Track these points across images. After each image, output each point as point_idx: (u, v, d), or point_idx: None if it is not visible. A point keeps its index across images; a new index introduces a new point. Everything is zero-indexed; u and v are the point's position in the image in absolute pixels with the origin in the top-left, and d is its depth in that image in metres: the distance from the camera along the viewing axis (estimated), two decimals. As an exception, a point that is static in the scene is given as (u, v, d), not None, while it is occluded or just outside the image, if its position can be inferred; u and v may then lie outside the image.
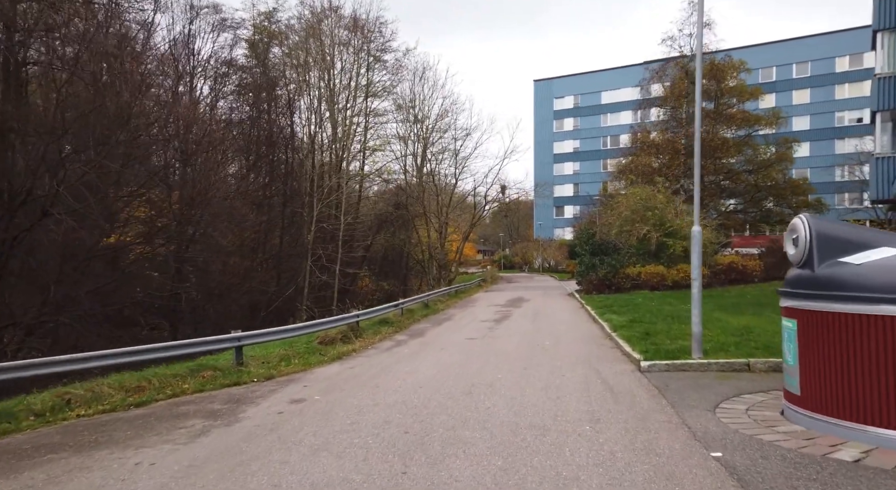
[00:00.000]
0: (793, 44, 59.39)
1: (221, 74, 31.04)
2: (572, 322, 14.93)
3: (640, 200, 22.81)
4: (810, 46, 58.29)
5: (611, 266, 22.17)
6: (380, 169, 41.90)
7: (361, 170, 40.36)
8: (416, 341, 12.34)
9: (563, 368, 8.60)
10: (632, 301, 17.95)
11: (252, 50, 36.01)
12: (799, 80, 59.18)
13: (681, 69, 34.64)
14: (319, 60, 35.94)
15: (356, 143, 37.95)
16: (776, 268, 22.15)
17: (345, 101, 36.78)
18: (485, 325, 14.92)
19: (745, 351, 8.70)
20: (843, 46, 57.26)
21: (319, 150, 35.87)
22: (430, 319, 16.71)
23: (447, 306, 20.65)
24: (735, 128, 34.90)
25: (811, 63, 58.90)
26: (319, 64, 36.11)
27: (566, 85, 70.33)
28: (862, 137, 55.66)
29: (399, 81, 39.87)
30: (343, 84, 37.02)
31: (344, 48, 37.55)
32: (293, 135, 33.25)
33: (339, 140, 36.40)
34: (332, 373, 9.02)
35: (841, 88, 57.51)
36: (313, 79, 35.82)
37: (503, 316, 16.95)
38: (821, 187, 45.93)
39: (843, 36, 57.51)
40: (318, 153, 35.67)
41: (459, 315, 17.82)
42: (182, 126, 22.61)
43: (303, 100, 34.46)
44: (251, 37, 35.97)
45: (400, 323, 15.24)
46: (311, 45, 35.35)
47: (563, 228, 66.66)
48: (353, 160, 38.32)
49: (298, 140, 34.47)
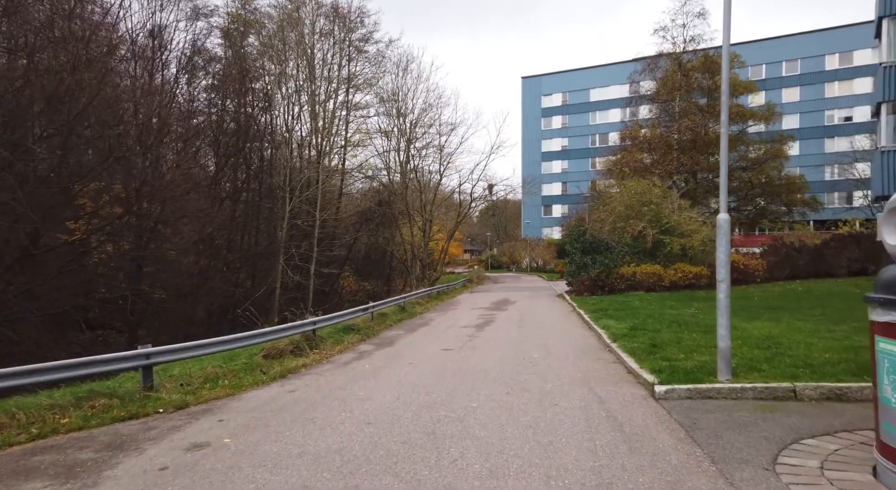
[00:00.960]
0: (782, 41, 58.33)
1: (193, 64, 28.84)
2: (564, 328, 13.10)
3: (635, 195, 21.08)
4: (800, 44, 57.27)
5: (604, 265, 20.41)
6: (361, 165, 39.94)
7: (342, 165, 38.40)
8: (382, 353, 10.42)
9: (555, 393, 6.74)
10: (628, 304, 16.18)
11: (227, 39, 33.82)
12: (788, 78, 58.10)
13: (674, 61, 33.07)
14: (297, 50, 33.94)
15: (336, 138, 35.98)
16: (779, 267, 20.54)
17: (324, 93, 34.81)
18: (465, 331, 13.03)
19: (782, 370, 6.89)
20: (832, 44, 56.34)
21: (297, 143, 33.83)
22: (404, 325, 14.79)
23: (426, 309, 18.74)
24: (729, 122, 33.36)
25: (801, 61, 57.86)
26: (297, 53, 34.11)
27: (554, 82, 68.80)
28: (852, 136, 54.90)
29: (382, 74, 37.97)
30: (322, 75, 35.06)
31: (324, 38, 35.59)
32: (269, 127, 31.11)
33: (317, 133, 34.40)
34: (264, 399, 7.07)
35: (831, 86, 56.51)
36: (291, 69, 33.82)
37: (486, 321, 15.08)
38: (811, 186, 44.52)
39: (832, 33, 56.57)
40: (295, 146, 33.63)
41: (438, 320, 15.92)
42: (141, 114, 20.49)
43: (280, 91, 32.36)
44: (226, 26, 33.79)
45: (370, 329, 13.31)
46: (289, 34, 33.32)
47: (551, 228, 65.12)
48: (334, 155, 36.33)
49: (275, 133, 32.38)
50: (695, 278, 19.97)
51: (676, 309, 14.40)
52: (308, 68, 34.42)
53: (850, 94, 56.10)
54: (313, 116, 33.97)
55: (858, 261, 19.96)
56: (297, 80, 34.32)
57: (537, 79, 70.06)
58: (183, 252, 19.42)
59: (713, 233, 21.45)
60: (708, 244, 19.88)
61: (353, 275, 43.23)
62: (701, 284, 20.07)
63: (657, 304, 15.88)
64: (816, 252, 19.70)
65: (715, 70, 33.45)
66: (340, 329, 12.76)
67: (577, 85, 67.27)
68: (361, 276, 43.86)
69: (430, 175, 40.38)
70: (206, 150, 27.34)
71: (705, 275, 20.15)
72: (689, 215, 20.90)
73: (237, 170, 27.94)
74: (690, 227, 20.35)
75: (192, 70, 28.95)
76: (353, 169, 39.56)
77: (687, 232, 20.21)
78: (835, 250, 20.03)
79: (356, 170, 39.47)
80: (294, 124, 33.84)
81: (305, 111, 34.41)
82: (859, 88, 55.83)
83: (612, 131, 61.15)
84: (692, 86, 33.53)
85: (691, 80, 33.19)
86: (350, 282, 43.02)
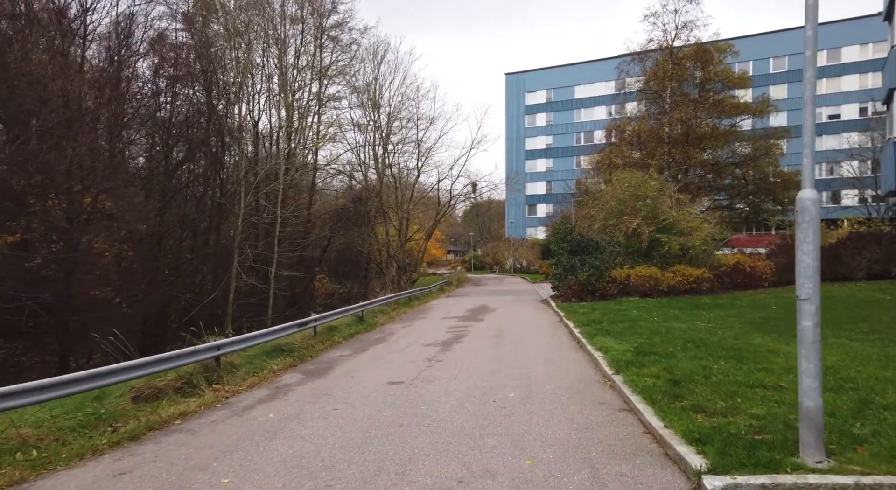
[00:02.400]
0: (769, 37, 56.63)
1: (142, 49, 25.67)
2: (550, 349, 10.41)
3: (628, 188, 18.52)
4: (787, 40, 55.58)
5: (594, 268, 17.81)
6: (333, 160, 37.02)
7: (314, 160, 35.49)
8: (306, 389, 7.64)
9: (538, 482, 4.04)
10: (624, 313, 13.57)
11: (188, 24, 30.66)
12: (776, 75, 56.37)
13: (665, 50, 30.71)
14: (262, 35, 30.98)
15: (308, 132, 33.01)
16: (790, 270, 18.05)
17: (293, 82, 31.87)
18: (427, 352, 10.30)
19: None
20: (820, 41, 54.14)
21: (262, 135, 30.83)
22: (355, 342, 11.99)
23: (390, 319, 15.96)
24: (722, 115, 31.12)
25: (788, 57, 56.21)
26: (263, 38, 31.15)
27: (539, 78, 66.43)
28: (840, 134, 53.32)
29: (356, 63, 35.08)
30: (293, 64, 32.11)
31: (294, 24, 32.63)
32: (230, 118, 28.03)
33: (285, 124, 31.46)
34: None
35: (819, 83, 54.75)
36: (259, 57, 30.86)
37: (457, 335, 12.35)
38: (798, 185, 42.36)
39: (820, 30, 54.64)
40: (260, 139, 30.63)
41: (400, 333, 13.16)
42: (69, 96, 17.41)
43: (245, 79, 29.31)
44: (187, 10, 30.61)
45: (308, 350, 10.51)
46: (254, 17, 30.36)
47: (535, 228, 62.75)
48: (307, 151, 33.37)
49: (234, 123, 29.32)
50: (696, 282, 17.47)
51: (684, 320, 11.82)
52: (278, 56, 31.50)
53: (838, 91, 54.54)
54: (282, 108, 31.04)
55: (879, 262, 17.62)
56: (266, 68, 31.40)
57: (521, 75, 67.66)
58: (107, 254, 16.37)
59: (716, 230, 19.13)
60: (710, 243, 17.39)
61: (328, 277, 40.50)
62: (702, 289, 17.59)
63: (658, 313, 13.30)
64: (831, 252, 17.35)
65: (708, 59, 31.21)
66: (269, 350, 9.94)
67: (561, 81, 65.01)
68: (337, 278, 41.11)
69: (407, 171, 37.64)
70: (152, 139, 24.24)
71: (707, 278, 17.67)
72: (689, 211, 18.42)
73: (189, 162, 24.87)
74: (691, 224, 17.86)
75: (143, 55, 25.81)
76: (325, 164, 36.64)
77: (686, 229, 17.72)
78: (852, 251, 17.68)
79: (329, 165, 36.55)
80: (260, 115, 30.90)
81: (273, 101, 31.47)
82: (847, 86, 54.32)
83: (597, 129, 58.96)
84: (684, 76, 31.22)
85: (683, 70, 30.87)
86: (325, 285, 40.27)
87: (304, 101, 33.14)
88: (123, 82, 22.04)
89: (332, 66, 34.49)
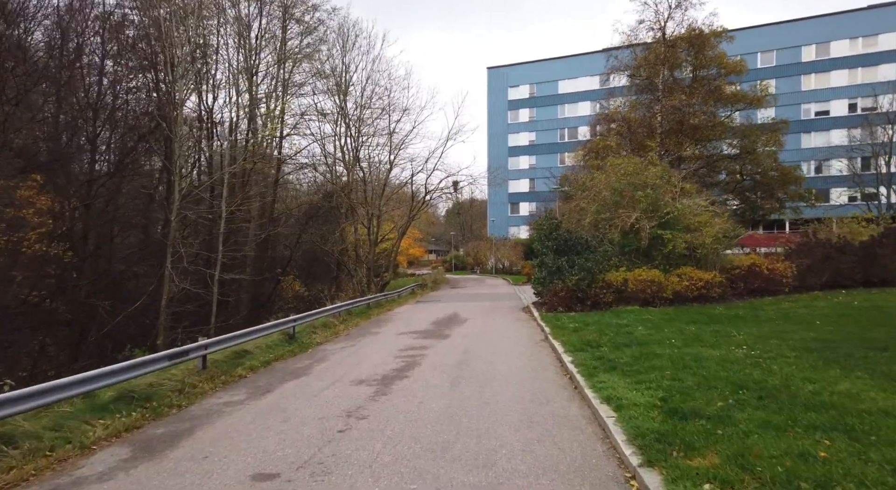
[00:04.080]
0: (756, 31, 54.23)
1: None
2: (532, 396, 7.08)
3: (625, 176, 15.36)
4: (774, 34, 53.32)
5: (585, 270, 14.61)
6: (299, 150, 33.45)
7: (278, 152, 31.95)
8: (129, 479, 4.27)
9: None
10: (627, 330, 10.39)
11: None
12: (763, 70, 53.98)
13: (657, 30, 27.76)
14: (217, 10, 27.37)
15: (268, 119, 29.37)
16: (814, 272, 15.11)
17: (251, 61, 28.23)
18: (351, 398, 6.97)
19: None
20: (809, 35, 52.59)
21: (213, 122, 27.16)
22: (262, 377, 8.57)
23: (333, 336, 12.55)
24: (718, 104, 28.26)
25: (776, 52, 53.88)
26: (218, 15, 27.56)
27: (522, 73, 63.45)
28: (829, 131, 51.18)
29: (324, 45, 31.49)
30: (252, 47, 28.46)
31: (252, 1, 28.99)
32: (169, 99, 24.31)
33: (242, 109, 27.88)
34: None
35: (807, 79, 52.61)
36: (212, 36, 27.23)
37: (407, 364, 9.03)
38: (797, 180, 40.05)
39: (808, 24, 52.88)
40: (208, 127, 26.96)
41: (333, 360, 9.79)
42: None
43: (195, 57, 25.60)
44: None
45: (181, 395, 7.12)
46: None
47: (518, 227, 59.72)
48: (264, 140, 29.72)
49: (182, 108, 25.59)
50: (705, 287, 14.38)
51: (710, 343, 8.66)
52: (238, 34, 27.91)
53: (827, 87, 52.38)
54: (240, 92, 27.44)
55: (924, 264, 14.71)
56: (226, 51, 27.81)
57: (504, 69, 64.63)
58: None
59: (729, 226, 16.12)
60: (722, 241, 14.31)
61: (298, 279, 37.07)
62: (713, 296, 14.50)
63: (671, 330, 10.13)
64: (865, 252, 14.46)
65: (702, 43, 28.37)
66: (110, 400, 6.51)
67: (545, 76, 62.12)
68: (307, 280, 37.69)
69: (379, 165, 34.13)
70: (76, 120, 20.48)
71: (718, 282, 14.58)
72: (696, 203, 15.32)
73: (123, 150, 21.17)
74: (698, 218, 14.76)
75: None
76: (288, 157, 33.06)
77: (694, 225, 14.62)
78: (892, 250, 14.75)
79: (292, 157, 32.96)
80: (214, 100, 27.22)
81: (231, 84, 27.82)
82: (836, 81, 52.21)
83: (581, 125, 56.24)
84: (677, 62, 28.33)
85: (676, 54, 27.96)
86: (296, 287, 36.83)
87: (266, 88, 29.65)
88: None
89: (297, 50, 30.94)
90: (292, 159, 32.23)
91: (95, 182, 20.66)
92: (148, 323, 20.11)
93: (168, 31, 22.43)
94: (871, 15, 50.60)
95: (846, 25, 51.66)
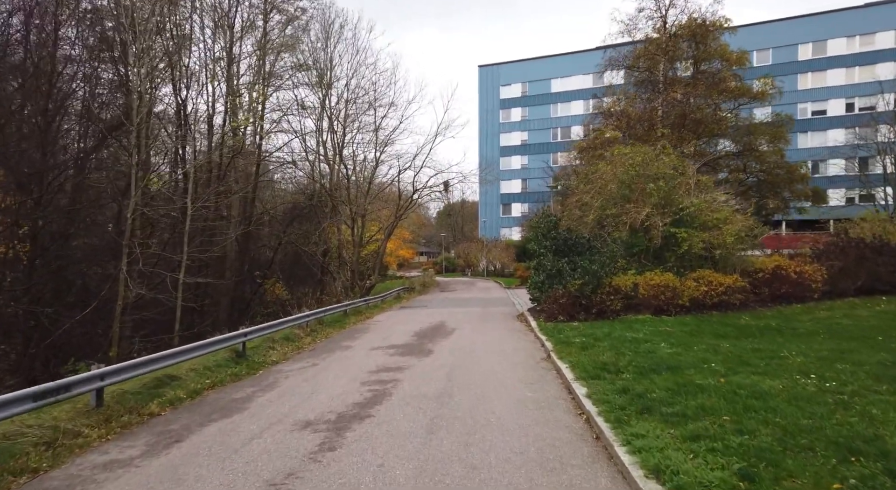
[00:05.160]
0: (752, 29, 52.72)
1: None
2: (538, 449, 5.08)
3: (633, 167, 13.42)
4: (770, 32, 51.93)
5: (590, 273, 12.64)
6: (280, 147, 31.30)
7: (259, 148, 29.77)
8: None
9: None
10: (646, 347, 8.42)
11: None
12: (759, 69, 52.50)
13: (658, 19, 25.99)
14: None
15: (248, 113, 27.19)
16: (847, 275, 13.25)
17: (226, 49, 26.11)
18: (293, 447, 4.93)
19: None
20: (805, 33, 51.27)
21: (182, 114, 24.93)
22: (182, 416, 6.47)
23: (293, 352, 10.45)
24: (722, 96, 26.49)
25: (772, 50, 52.45)
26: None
27: (513, 71, 61.65)
28: (826, 131, 49.82)
29: (305, 34, 29.42)
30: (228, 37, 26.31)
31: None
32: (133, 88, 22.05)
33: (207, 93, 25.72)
34: None
35: (804, 78, 51.22)
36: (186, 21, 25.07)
37: (373, 396, 6.99)
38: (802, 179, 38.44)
39: (804, 21, 51.55)
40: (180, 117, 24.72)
41: (284, 386, 7.73)
42: None
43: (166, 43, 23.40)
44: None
45: (73, 439, 5.05)
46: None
47: (510, 228, 57.84)
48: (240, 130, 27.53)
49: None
50: (726, 293, 12.47)
51: (761, 368, 6.71)
52: (214, 23, 25.80)
53: (823, 85, 51.05)
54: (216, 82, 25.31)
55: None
56: (200, 35, 25.62)
57: (495, 68, 62.85)
58: None
59: (751, 223, 14.18)
60: (745, 241, 12.41)
61: (279, 282, 34.96)
62: (733, 302, 12.60)
63: (702, 349, 8.17)
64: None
65: (705, 35, 26.63)
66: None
67: (537, 74, 60.39)
68: (289, 283, 35.56)
69: (365, 163, 32.05)
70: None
71: (740, 287, 12.67)
72: (714, 197, 13.42)
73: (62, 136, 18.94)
74: (717, 214, 12.84)
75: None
76: (268, 154, 30.89)
77: (712, 222, 12.71)
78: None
79: (273, 154, 30.80)
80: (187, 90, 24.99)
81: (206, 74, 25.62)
82: (833, 81, 50.87)
83: (574, 125, 54.55)
84: (677, 54, 26.56)
85: (678, 45, 26.19)
86: (279, 290, 34.74)
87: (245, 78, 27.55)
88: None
89: (278, 38, 28.81)
90: (273, 156, 30.05)
91: (46, 175, 18.44)
92: (101, 333, 17.89)
93: (128, 9, 20.24)
94: (869, 13, 49.30)
95: (843, 23, 50.38)
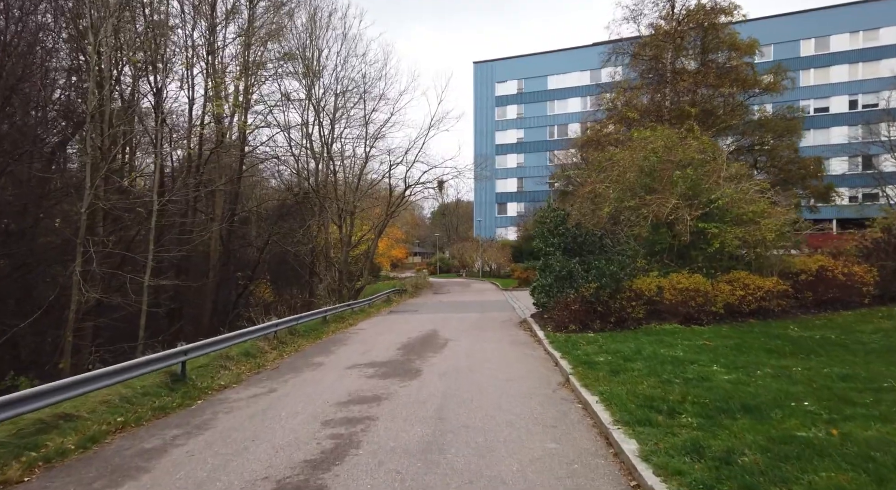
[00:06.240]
0: (753, 25, 50.98)
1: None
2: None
3: (654, 152, 11.50)
4: (772, 28, 50.29)
5: (607, 276, 10.70)
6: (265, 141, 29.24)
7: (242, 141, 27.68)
8: None
9: None
10: (694, 370, 6.47)
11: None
12: (760, 65, 50.90)
13: (667, 3, 24.15)
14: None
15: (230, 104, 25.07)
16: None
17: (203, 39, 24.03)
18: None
19: None
20: (807, 29, 49.78)
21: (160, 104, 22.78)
22: (63, 474, 4.51)
23: (248, 372, 8.42)
24: (733, 86, 24.64)
25: (774, 46, 50.86)
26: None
27: (509, 68, 59.78)
28: (829, 129, 48.33)
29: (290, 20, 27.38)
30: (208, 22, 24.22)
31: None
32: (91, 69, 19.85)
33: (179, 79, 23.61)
34: None
35: (806, 74, 49.67)
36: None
37: (334, 448, 4.99)
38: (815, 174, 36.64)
39: (806, 17, 50.05)
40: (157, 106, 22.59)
41: (219, 428, 5.74)
42: None
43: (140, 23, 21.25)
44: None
45: None
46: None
47: (506, 228, 55.91)
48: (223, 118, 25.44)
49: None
50: (765, 299, 10.56)
51: (883, 415, 4.79)
52: (193, 6, 23.71)
53: (826, 83, 49.54)
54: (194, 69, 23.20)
55: None
56: (181, 22, 23.50)
57: (490, 64, 60.98)
58: None
59: (794, 217, 12.10)
60: (787, 237, 10.52)
61: (266, 283, 33.13)
62: (773, 309, 10.68)
63: (767, 374, 6.24)
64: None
65: (714, 22, 24.80)
66: None
67: (533, 71, 58.55)
68: (276, 285, 33.71)
69: (353, 158, 30.04)
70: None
71: (782, 292, 10.75)
72: (749, 187, 11.50)
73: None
74: (753, 207, 10.92)
75: None
76: (251, 150, 28.78)
77: (748, 216, 10.79)
78: None
79: (257, 150, 28.70)
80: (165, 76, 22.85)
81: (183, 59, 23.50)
82: (836, 77, 49.32)
83: (572, 122, 52.75)
84: (687, 40, 24.72)
85: (685, 31, 24.35)
86: (267, 292, 32.82)
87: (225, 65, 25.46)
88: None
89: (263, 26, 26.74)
90: (257, 150, 27.95)
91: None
92: (51, 342, 15.78)
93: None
94: (872, 8, 47.82)
95: (846, 19, 48.90)
